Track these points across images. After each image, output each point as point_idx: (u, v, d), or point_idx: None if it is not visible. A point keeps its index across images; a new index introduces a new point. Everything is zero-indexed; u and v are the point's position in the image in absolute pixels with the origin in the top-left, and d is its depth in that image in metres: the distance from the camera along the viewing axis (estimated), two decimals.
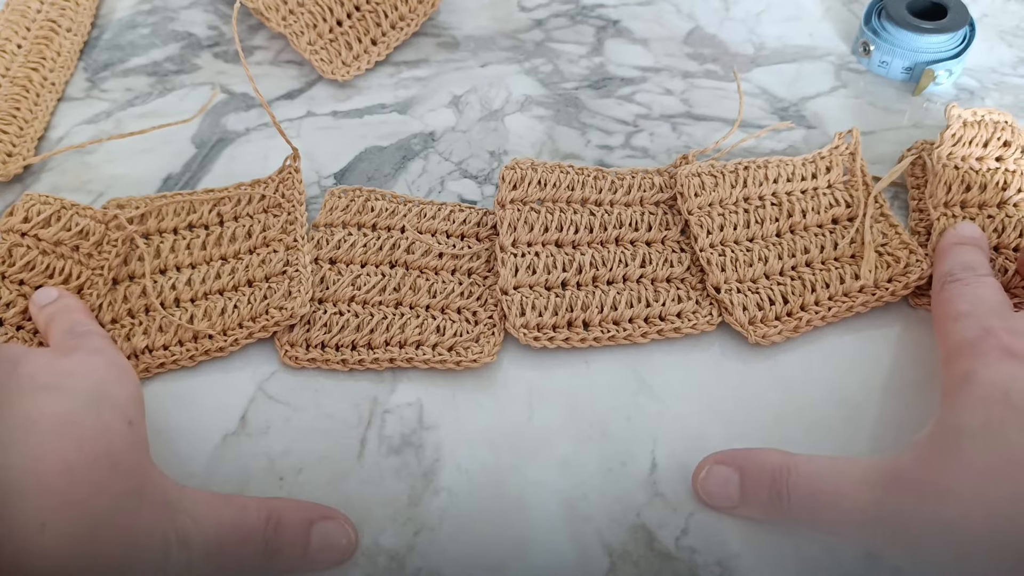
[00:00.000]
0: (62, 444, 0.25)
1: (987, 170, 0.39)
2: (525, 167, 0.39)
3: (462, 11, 0.53)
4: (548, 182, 0.39)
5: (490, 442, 0.33)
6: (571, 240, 0.38)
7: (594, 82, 0.48)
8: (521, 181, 0.39)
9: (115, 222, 0.38)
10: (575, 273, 0.37)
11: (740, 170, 0.40)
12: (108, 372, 0.29)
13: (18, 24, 0.49)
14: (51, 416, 0.26)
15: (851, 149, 0.42)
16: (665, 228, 0.39)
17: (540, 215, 0.38)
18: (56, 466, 0.24)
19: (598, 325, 0.35)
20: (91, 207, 0.38)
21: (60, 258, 0.36)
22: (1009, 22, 0.52)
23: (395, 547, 0.30)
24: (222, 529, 0.28)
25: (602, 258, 0.37)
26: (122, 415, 0.27)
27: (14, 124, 0.44)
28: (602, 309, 0.36)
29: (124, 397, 0.28)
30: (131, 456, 0.27)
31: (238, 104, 0.47)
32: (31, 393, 0.27)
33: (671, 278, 0.37)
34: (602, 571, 0.29)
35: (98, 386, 0.28)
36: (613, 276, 0.37)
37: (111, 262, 0.37)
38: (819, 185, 0.41)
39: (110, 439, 0.26)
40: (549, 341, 0.35)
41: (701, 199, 0.39)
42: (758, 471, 0.29)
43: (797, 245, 0.38)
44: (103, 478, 0.25)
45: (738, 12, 0.53)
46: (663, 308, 0.36)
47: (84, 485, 0.25)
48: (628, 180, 0.40)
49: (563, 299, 0.36)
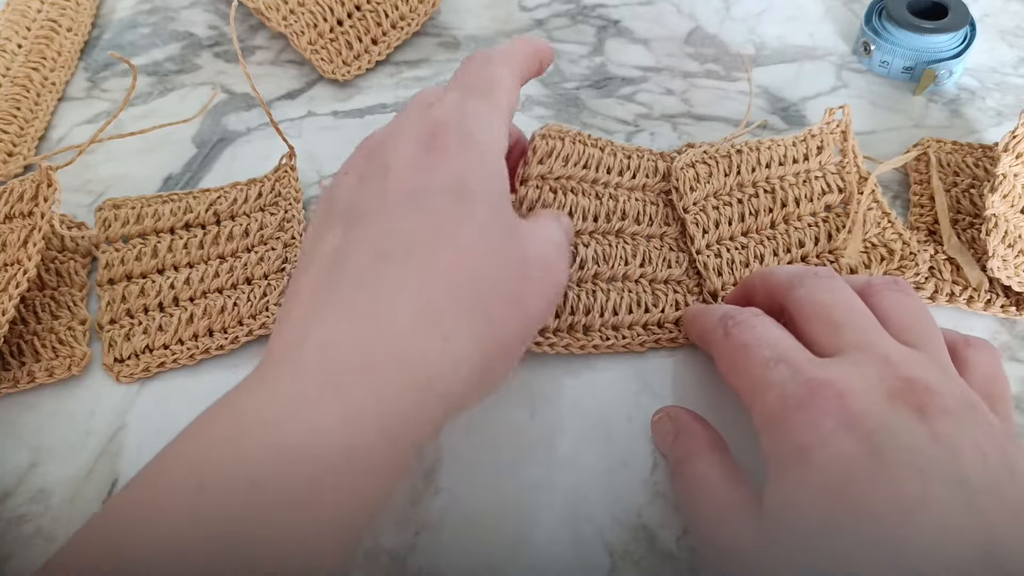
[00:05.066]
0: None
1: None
2: (555, 136, 0.35)
3: (463, 11, 0.53)
4: (571, 158, 0.36)
5: (491, 442, 0.33)
6: (578, 229, 0.36)
7: (595, 82, 0.48)
8: (549, 155, 0.35)
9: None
10: (578, 268, 0.35)
11: (733, 154, 0.39)
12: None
13: (18, 24, 0.49)
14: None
15: (842, 127, 0.41)
16: (665, 223, 0.38)
17: (556, 197, 0.35)
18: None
19: (598, 331, 0.35)
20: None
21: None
22: (1010, 22, 0.52)
23: (396, 547, 0.30)
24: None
25: (603, 252, 0.36)
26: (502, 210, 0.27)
27: (14, 124, 0.44)
28: (602, 313, 0.35)
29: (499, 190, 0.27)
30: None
31: (239, 104, 0.47)
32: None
33: (669, 280, 0.36)
34: (603, 571, 0.29)
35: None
36: (614, 274, 0.35)
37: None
38: (811, 167, 0.40)
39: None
40: (550, 347, 0.34)
41: (697, 193, 0.38)
42: (681, 443, 0.31)
43: (792, 238, 0.38)
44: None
45: (739, 12, 0.53)
46: (662, 315, 0.35)
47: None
48: (635, 161, 0.38)
49: (564, 300, 0.35)
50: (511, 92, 0.29)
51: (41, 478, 0.32)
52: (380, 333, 0.24)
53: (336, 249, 0.26)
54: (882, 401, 0.24)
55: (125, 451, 0.33)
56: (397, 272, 0.24)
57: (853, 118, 0.42)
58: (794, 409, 0.25)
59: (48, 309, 0.36)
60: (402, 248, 0.25)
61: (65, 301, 0.37)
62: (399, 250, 0.25)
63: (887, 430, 0.23)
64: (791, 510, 0.24)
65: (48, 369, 0.34)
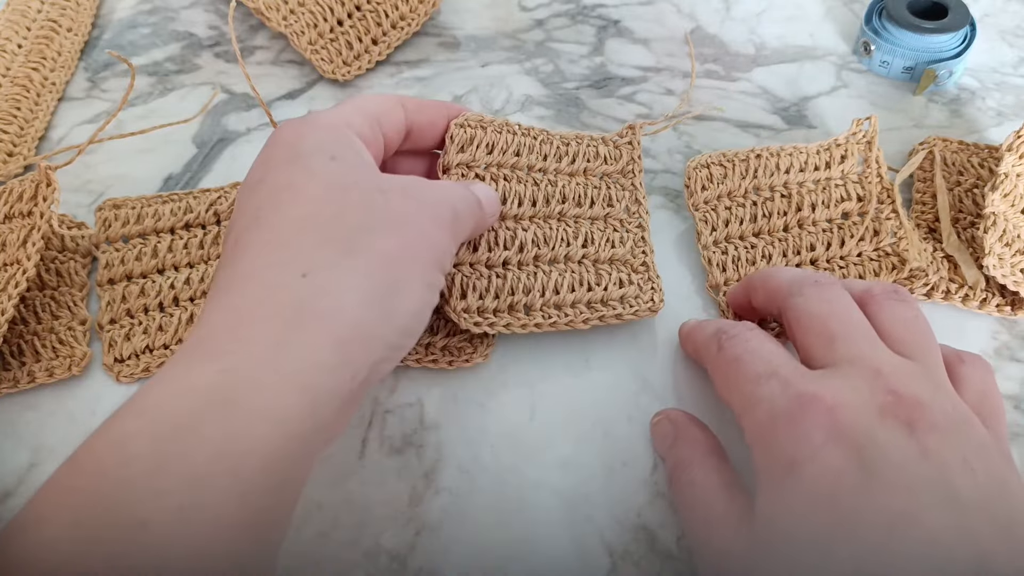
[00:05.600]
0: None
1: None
2: (474, 125, 0.36)
3: (463, 11, 0.53)
4: (496, 145, 0.36)
5: (491, 442, 0.33)
6: (514, 214, 0.35)
7: (595, 82, 0.48)
8: (469, 143, 0.35)
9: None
10: (517, 251, 0.35)
11: (752, 159, 0.40)
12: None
13: (19, 24, 0.49)
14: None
15: (868, 137, 0.41)
16: (608, 204, 0.37)
17: (485, 184, 0.35)
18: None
19: (539, 310, 0.34)
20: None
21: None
22: (1010, 22, 0.52)
23: (396, 547, 0.30)
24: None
25: (543, 235, 0.35)
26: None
27: (15, 124, 0.44)
28: (544, 292, 0.34)
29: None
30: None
31: (239, 104, 0.47)
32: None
33: (613, 259, 0.36)
34: (603, 571, 0.29)
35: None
36: (555, 256, 0.35)
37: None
38: (832, 175, 0.40)
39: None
40: (490, 327, 0.33)
41: (708, 192, 0.39)
42: (679, 448, 0.30)
43: (803, 241, 0.38)
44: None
45: (739, 12, 0.53)
46: (605, 292, 0.35)
47: None
48: (573, 147, 0.38)
49: (505, 280, 0.34)
50: (360, 108, 0.31)
51: (41, 478, 0.32)
52: (243, 294, 0.25)
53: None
54: (872, 415, 0.24)
55: None
56: (254, 235, 0.26)
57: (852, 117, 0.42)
58: (784, 423, 0.25)
59: (48, 309, 0.36)
60: (254, 214, 0.27)
61: (65, 301, 0.37)
62: (254, 218, 0.27)
63: (877, 445, 0.23)
64: (781, 522, 0.24)
65: (48, 369, 0.34)
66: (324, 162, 0.28)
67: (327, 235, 0.26)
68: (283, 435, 0.22)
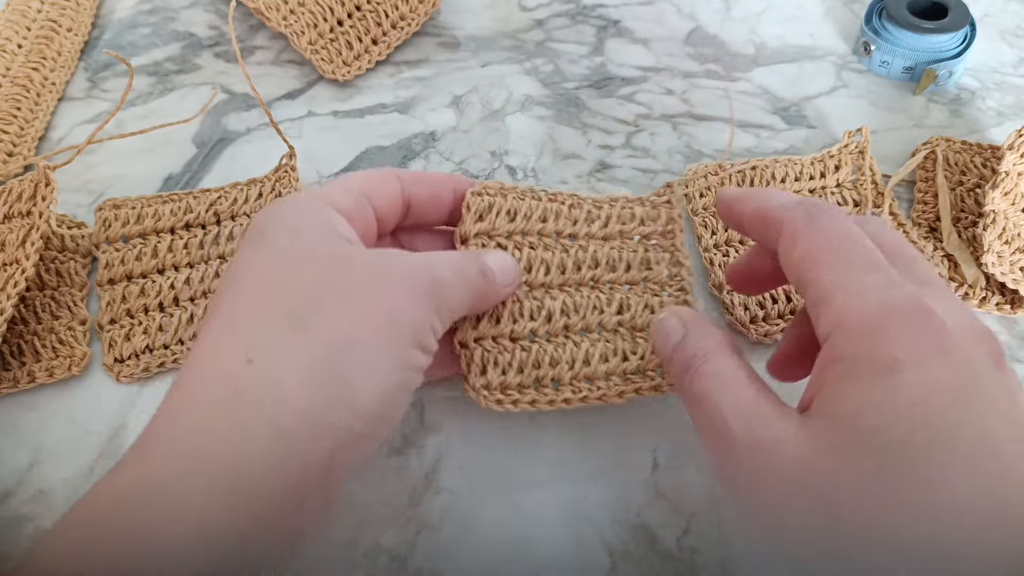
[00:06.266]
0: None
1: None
2: (493, 193, 0.34)
3: (463, 11, 0.53)
4: (518, 212, 0.34)
5: (491, 442, 0.33)
6: (541, 282, 0.33)
7: (595, 82, 0.48)
8: (488, 210, 0.33)
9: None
10: (544, 322, 0.32)
11: (747, 170, 0.41)
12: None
13: (19, 24, 0.49)
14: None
15: (860, 147, 0.42)
16: (646, 267, 0.35)
17: (507, 252, 0.33)
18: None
19: (569, 384, 0.31)
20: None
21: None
22: (1010, 22, 0.52)
23: (396, 547, 0.30)
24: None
25: (574, 304, 0.33)
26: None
27: (15, 124, 0.44)
28: (573, 365, 0.32)
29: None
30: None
31: (239, 104, 0.47)
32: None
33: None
34: (603, 571, 0.29)
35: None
36: (587, 324, 0.33)
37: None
38: (827, 184, 0.41)
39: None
40: (513, 404, 0.31)
41: (707, 199, 0.40)
42: (692, 342, 0.28)
43: None
44: None
45: (739, 12, 0.53)
46: (641, 362, 0.32)
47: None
48: (606, 210, 0.36)
49: (529, 353, 0.31)
50: (345, 183, 0.30)
51: (41, 478, 0.32)
52: (188, 384, 0.25)
53: None
54: (977, 341, 0.24)
55: (125, 451, 0.33)
56: (210, 320, 0.26)
57: (852, 117, 0.42)
58: (899, 319, 0.23)
59: (48, 309, 0.36)
60: (215, 299, 0.27)
61: (65, 301, 0.37)
62: (214, 302, 0.27)
63: (980, 374, 0.23)
64: (869, 418, 0.23)
65: (48, 369, 0.34)
66: (286, 239, 0.26)
67: (274, 314, 0.25)
68: (201, 531, 0.21)
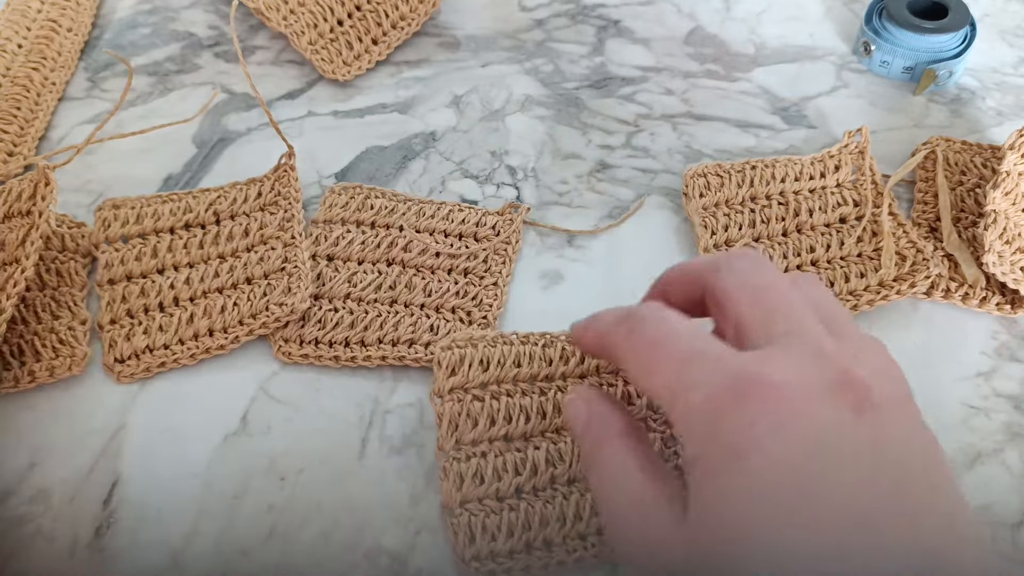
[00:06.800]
0: None
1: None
2: (463, 344, 0.32)
3: (463, 11, 0.53)
4: (491, 360, 0.32)
5: None
6: (521, 432, 0.31)
7: (595, 82, 0.48)
8: (460, 363, 0.32)
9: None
10: (530, 475, 0.30)
11: (747, 170, 0.41)
12: None
13: (19, 24, 0.49)
14: None
15: (860, 147, 0.42)
16: (628, 403, 0.32)
17: (484, 404, 0.31)
18: None
19: (562, 543, 0.29)
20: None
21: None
22: (1010, 22, 0.52)
23: (396, 547, 0.30)
24: None
25: (559, 452, 0.31)
26: None
27: (15, 124, 0.44)
28: (564, 522, 0.29)
29: None
30: None
31: (239, 104, 0.47)
32: None
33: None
34: (603, 571, 0.29)
35: None
36: (573, 474, 0.30)
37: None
38: (827, 184, 0.41)
39: None
40: (506, 573, 0.29)
41: (706, 199, 0.39)
42: (593, 429, 0.26)
43: (803, 244, 0.38)
44: None
45: (739, 12, 0.53)
46: None
47: None
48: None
49: (518, 513, 0.29)
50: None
51: (41, 478, 0.32)
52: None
53: None
54: (824, 397, 0.22)
55: (125, 451, 0.33)
56: None
57: (852, 117, 0.42)
58: (727, 407, 0.22)
59: (48, 309, 0.36)
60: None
61: (65, 301, 0.37)
62: None
63: (830, 439, 0.22)
64: (724, 514, 0.22)
65: (48, 369, 0.34)
66: None
67: None
68: None
